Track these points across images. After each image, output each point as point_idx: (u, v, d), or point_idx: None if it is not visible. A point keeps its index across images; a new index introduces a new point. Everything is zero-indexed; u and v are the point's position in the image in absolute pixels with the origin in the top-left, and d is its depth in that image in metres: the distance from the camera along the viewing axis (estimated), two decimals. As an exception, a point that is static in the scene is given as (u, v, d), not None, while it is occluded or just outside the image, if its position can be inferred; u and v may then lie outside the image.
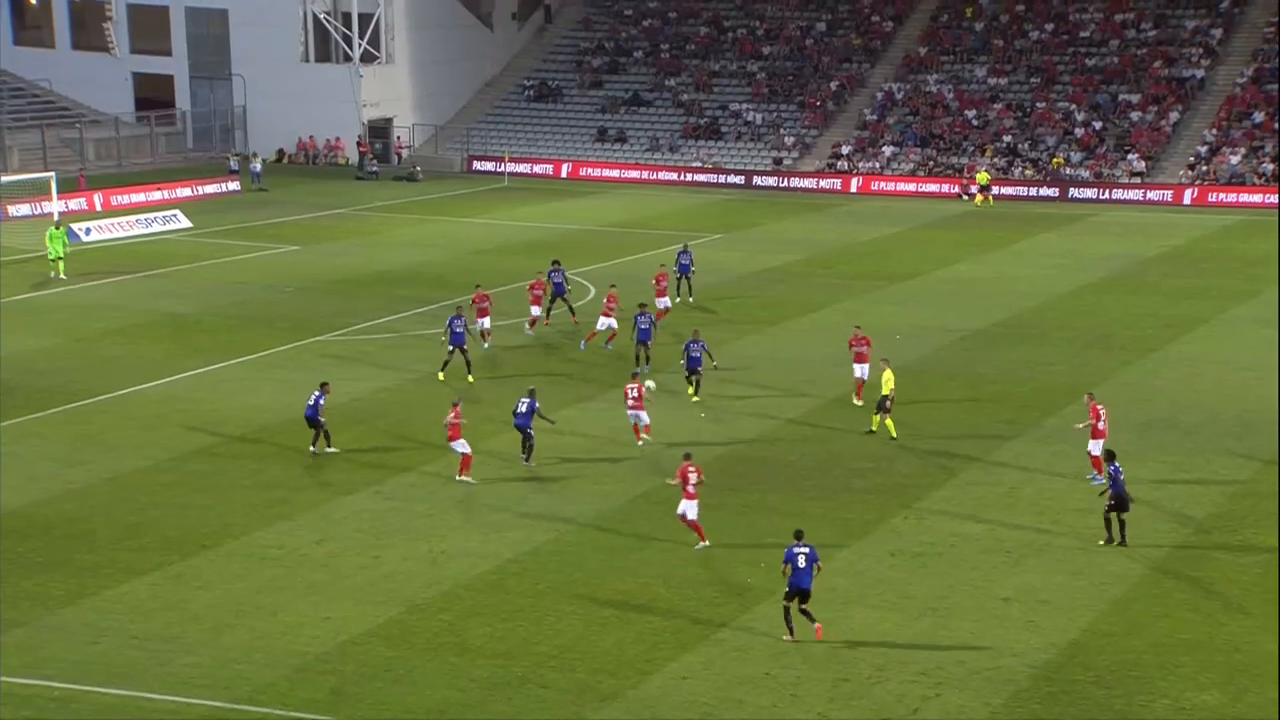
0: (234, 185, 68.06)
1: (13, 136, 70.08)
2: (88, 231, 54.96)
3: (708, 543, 25.38)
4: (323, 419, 30.47)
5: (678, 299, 43.60)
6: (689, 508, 25.35)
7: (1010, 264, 51.95)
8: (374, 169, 74.03)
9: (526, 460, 29.78)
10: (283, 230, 58.22)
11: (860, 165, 72.11)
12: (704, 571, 24.42)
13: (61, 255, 46.40)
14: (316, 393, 30.95)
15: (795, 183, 71.20)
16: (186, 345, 39.13)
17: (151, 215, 58.50)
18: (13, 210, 57.39)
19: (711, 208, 65.67)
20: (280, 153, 78.29)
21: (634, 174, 73.53)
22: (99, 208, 60.99)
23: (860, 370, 33.82)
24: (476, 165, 75.75)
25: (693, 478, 25.29)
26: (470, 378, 35.41)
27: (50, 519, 26.38)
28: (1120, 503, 25.53)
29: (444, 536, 26.02)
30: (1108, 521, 25.83)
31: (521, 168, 74.74)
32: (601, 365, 37.44)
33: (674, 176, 72.93)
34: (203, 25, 79.24)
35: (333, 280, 48.02)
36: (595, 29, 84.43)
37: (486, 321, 38.17)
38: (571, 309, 41.37)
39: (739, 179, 71.97)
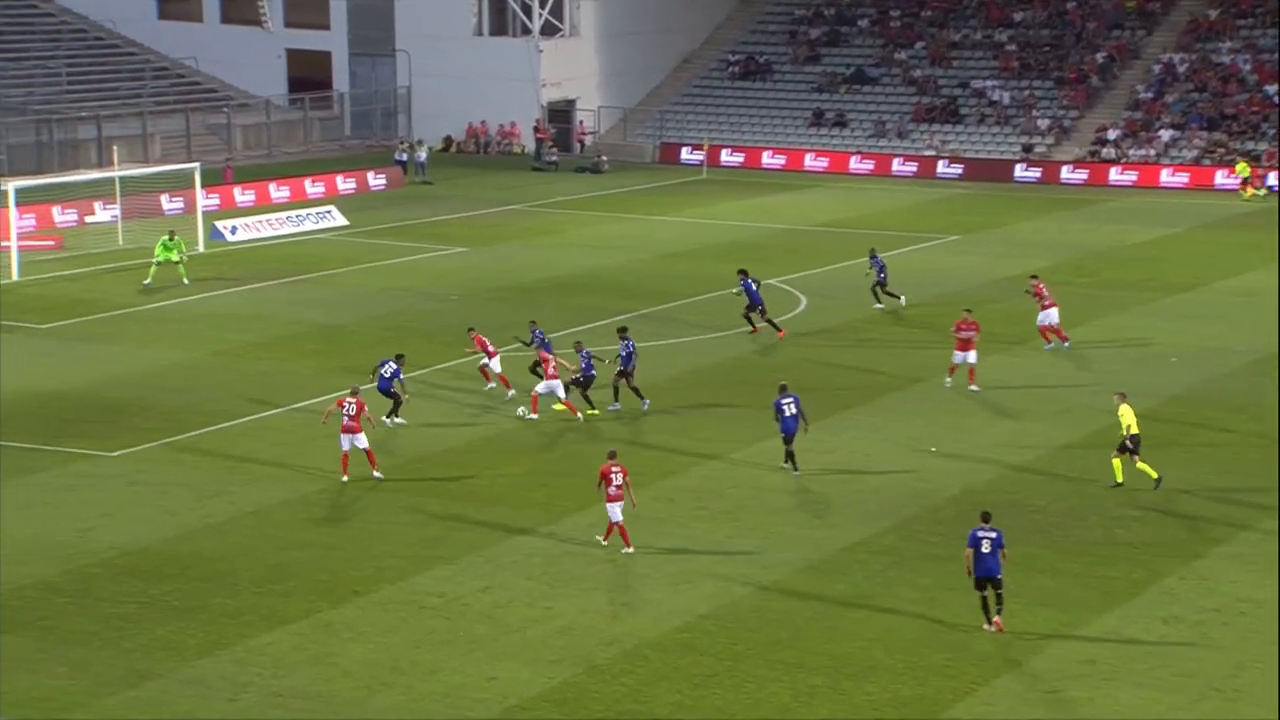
0: (385, 178, 69.71)
1: (155, 122, 73.00)
2: (233, 230, 57.05)
3: (632, 549, 27.26)
4: (398, 392, 33.33)
5: (879, 305, 44.76)
6: (613, 510, 27.13)
7: (1316, 272, 50.05)
8: (553, 159, 75.16)
9: (794, 469, 31.32)
10: (448, 229, 59.51)
11: (1130, 153, 70.42)
12: (933, 634, 24.10)
13: (179, 260, 47.92)
14: (393, 365, 33.92)
15: (1049, 174, 69.87)
16: (338, 360, 40.22)
17: (303, 212, 60.43)
18: (166, 205, 59.73)
19: (946, 204, 64.89)
20: (447, 140, 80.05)
21: (855, 164, 73.17)
22: (245, 203, 63.19)
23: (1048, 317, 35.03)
24: (681, 155, 76.27)
25: (616, 478, 27.04)
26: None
27: (187, 558, 27.38)
28: None
29: (627, 586, 26.20)
30: None
31: (724, 156, 75.04)
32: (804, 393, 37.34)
33: (903, 166, 72.32)
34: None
35: (502, 287, 48.89)
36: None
37: (496, 363, 36.49)
38: (754, 322, 41.91)
39: (980, 170, 70.96)
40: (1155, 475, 30.18)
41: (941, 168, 71.81)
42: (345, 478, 30.91)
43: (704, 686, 22.74)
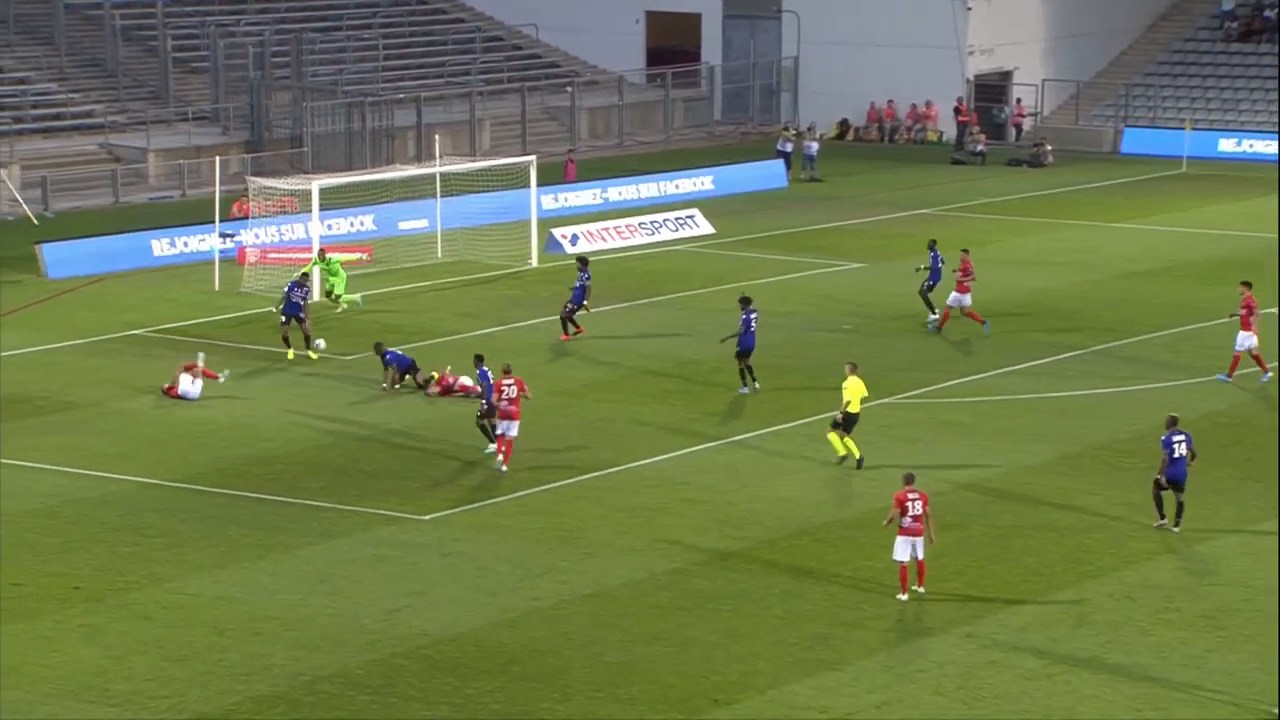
0: (765, 174, 70.22)
1: (484, 105, 75.51)
2: (574, 240, 58.43)
3: (905, 597, 29.14)
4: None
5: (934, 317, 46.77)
6: (905, 546, 29.00)
7: None
8: (979, 148, 74.64)
9: (1175, 525, 31.97)
10: (840, 239, 59.59)
11: None
12: None
13: (340, 289, 48.18)
14: (751, 315, 40.40)
15: None
16: (697, 405, 40.58)
17: (660, 217, 61.41)
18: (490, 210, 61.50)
19: None
20: (843, 125, 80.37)
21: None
22: (587, 203, 64.69)
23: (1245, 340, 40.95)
24: (1136, 143, 74.74)
25: (914, 507, 28.90)
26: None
27: (510, 649, 27.97)
28: None
29: (1071, 710, 25.65)
30: None
31: (1207, 145, 73.21)
32: None
33: None
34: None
35: (908, 314, 48.58)
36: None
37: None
38: (571, 321, 45.68)
39: None
40: (858, 455, 35.36)
41: None
42: (505, 467, 35.56)
43: None
